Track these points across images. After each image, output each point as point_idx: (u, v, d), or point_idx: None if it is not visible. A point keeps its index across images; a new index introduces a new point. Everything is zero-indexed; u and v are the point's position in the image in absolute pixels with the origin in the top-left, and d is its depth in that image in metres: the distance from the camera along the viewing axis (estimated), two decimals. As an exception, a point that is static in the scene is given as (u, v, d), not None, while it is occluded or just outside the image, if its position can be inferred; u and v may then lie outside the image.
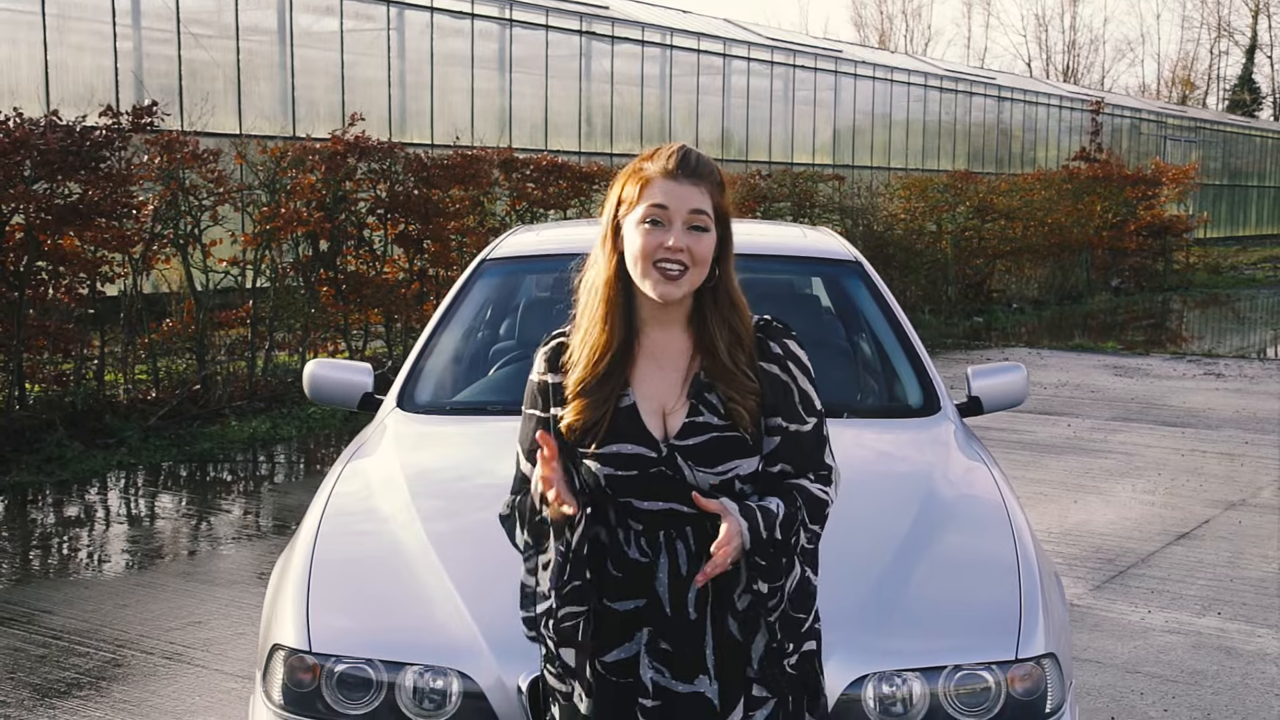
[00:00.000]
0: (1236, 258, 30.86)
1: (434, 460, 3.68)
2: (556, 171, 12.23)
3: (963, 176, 18.27)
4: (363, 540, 3.21)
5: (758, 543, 2.13)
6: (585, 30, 19.60)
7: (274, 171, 9.81)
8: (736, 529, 2.11)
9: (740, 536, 2.12)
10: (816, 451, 2.28)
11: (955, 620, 2.89)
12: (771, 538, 2.15)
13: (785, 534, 2.17)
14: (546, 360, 2.32)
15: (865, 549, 3.01)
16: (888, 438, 3.75)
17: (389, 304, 10.53)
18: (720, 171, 2.24)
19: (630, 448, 2.20)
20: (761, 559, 2.15)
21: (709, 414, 2.21)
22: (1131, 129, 34.69)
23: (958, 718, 2.73)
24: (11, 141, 7.71)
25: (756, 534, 2.14)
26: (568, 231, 4.77)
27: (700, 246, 2.18)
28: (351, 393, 4.09)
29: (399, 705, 2.74)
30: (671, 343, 2.27)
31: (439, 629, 2.80)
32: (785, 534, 2.17)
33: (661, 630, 2.20)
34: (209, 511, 6.96)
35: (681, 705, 2.19)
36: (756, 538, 2.14)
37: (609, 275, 2.24)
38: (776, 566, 2.17)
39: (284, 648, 2.84)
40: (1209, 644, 4.99)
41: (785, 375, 2.27)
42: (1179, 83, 60.91)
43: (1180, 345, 14.93)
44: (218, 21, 15.14)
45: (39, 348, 8.36)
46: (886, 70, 26.33)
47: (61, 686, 4.47)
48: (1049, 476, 7.75)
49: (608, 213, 2.26)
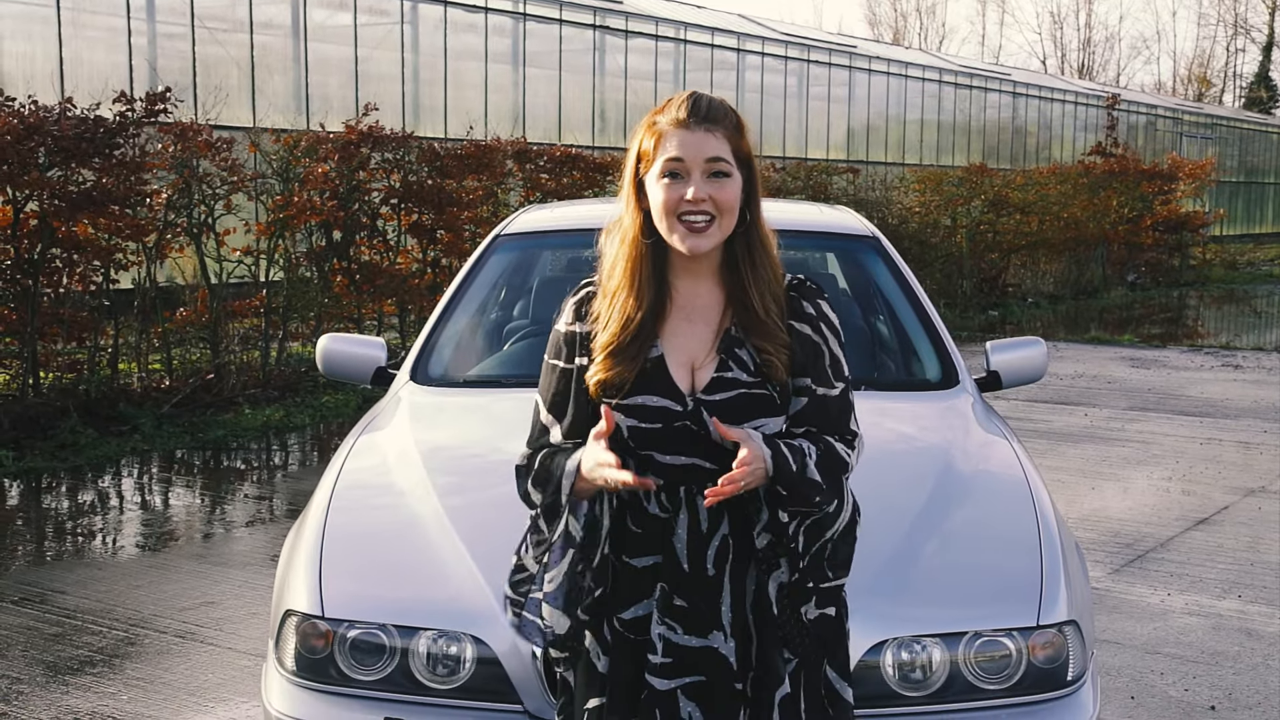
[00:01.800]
0: (1253, 254, 30.70)
1: (448, 434, 3.65)
2: (570, 162, 12.20)
3: (978, 170, 18.19)
4: (376, 509, 3.19)
5: (783, 472, 2.09)
6: (599, 25, 19.57)
7: (287, 160, 9.80)
8: (758, 454, 2.07)
9: (762, 463, 2.07)
10: (843, 417, 2.25)
11: (975, 587, 2.85)
12: (800, 474, 2.10)
13: (821, 473, 2.13)
14: (575, 309, 2.28)
15: (883, 518, 2.96)
16: (906, 410, 3.71)
17: (402, 294, 10.51)
18: (736, 113, 2.20)
19: (656, 400, 2.16)
20: (784, 489, 2.10)
21: (738, 370, 2.17)
22: (1147, 125, 34.54)
23: (978, 685, 2.69)
24: (26, 127, 7.71)
25: (783, 465, 2.09)
26: (582, 209, 4.74)
27: (724, 194, 2.15)
28: (364, 367, 4.07)
29: (413, 671, 2.72)
30: (702, 295, 2.23)
31: (453, 594, 2.77)
32: (821, 473, 2.13)
33: (678, 586, 2.17)
34: (222, 496, 6.95)
35: (692, 660, 2.15)
36: (782, 466, 2.09)
37: (635, 233, 2.20)
38: (799, 497, 2.12)
39: (296, 613, 2.81)
40: (1230, 626, 4.94)
41: (817, 336, 2.23)
42: (1195, 80, 60.63)
43: (1197, 339, 14.84)
44: (232, 16, 15.14)
45: (53, 335, 8.37)
46: (901, 66, 26.25)
47: (74, 664, 4.45)
48: (1066, 464, 7.69)
49: (628, 170, 2.22)
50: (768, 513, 2.13)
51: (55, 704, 4.12)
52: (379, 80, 16.65)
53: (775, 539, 2.15)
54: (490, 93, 18.11)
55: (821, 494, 2.13)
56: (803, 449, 2.13)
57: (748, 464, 2.05)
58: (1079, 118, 31.66)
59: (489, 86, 18.10)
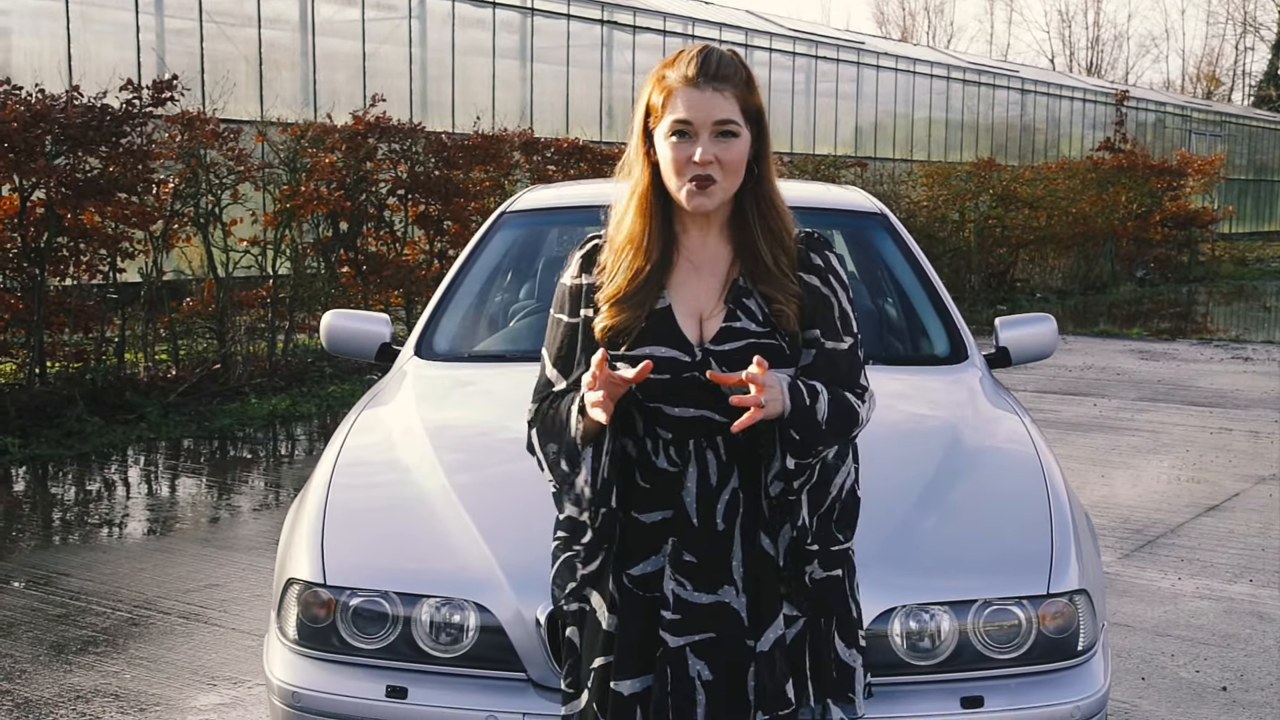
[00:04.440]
0: (1263, 251, 30.58)
1: (454, 409, 3.62)
2: (577, 153, 12.17)
3: (986, 165, 18.13)
4: (379, 481, 3.16)
5: (798, 407, 2.07)
6: (607, 20, 19.54)
7: (294, 150, 9.79)
8: (774, 381, 2.05)
9: (779, 390, 2.05)
10: (853, 371, 2.23)
11: (985, 555, 2.82)
12: (812, 407, 2.08)
13: (830, 411, 2.11)
14: (581, 262, 2.26)
15: (892, 488, 2.93)
16: (915, 385, 3.68)
17: (409, 285, 10.49)
18: (746, 68, 2.17)
19: (664, 350, 2.14)
20: (796, 432, 2.08)
21: (746, 320, 2.15)
22: (1156, 123, 34.41)
23: (987, 655, 2.66)
24: (32, 115, 7.70)
25: (799, 398, 2.07)
26: (587, 187, 4.71)
27: (730, 154, 2.12)
28: (369, 343, 4.04)
29: (415, 639, 2.69)
30: (710, 247, 2.21)
31: (456, 561, 2.75)
32: (830, 411, 2.11)
33: (687, 541, 2.14)
34: (228, 483, 6.93)
35: (703, 616, 2.12)
36: (798, 400, 2.07)
37: (644, 186, 2.18)
38: (809, 441, 2.09)
39: (298, 582, 2.79)
40: (1241, 609, 4.90)
41: (826, 288, 2.21)
42: (1204, 78, 60.45)
43: (1207, 333, 14.76)
44: (240, 11, 15.13)
45: (59, 325, 8.35)
46: (909, 62, 26.18)
47: (78, 644, 4.43)
48: (1075, 453, 7.64)
49: (637, 120, 2.20)
50: (779, 458, 2.11)
51: (58, 682, 4.10)
52: (386, 76, 16.63)
53: (786, 487, 2.12)
54: (498, 88, 18.09)
55: (831, 436, 2.11)
56: (815, 386, 2.11)
57: (763, 382, 2.01)
58: (1087, 115, 31.57)
59: (496, 82, 18.08)
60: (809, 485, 2.14)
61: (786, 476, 2.11)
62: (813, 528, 2.14)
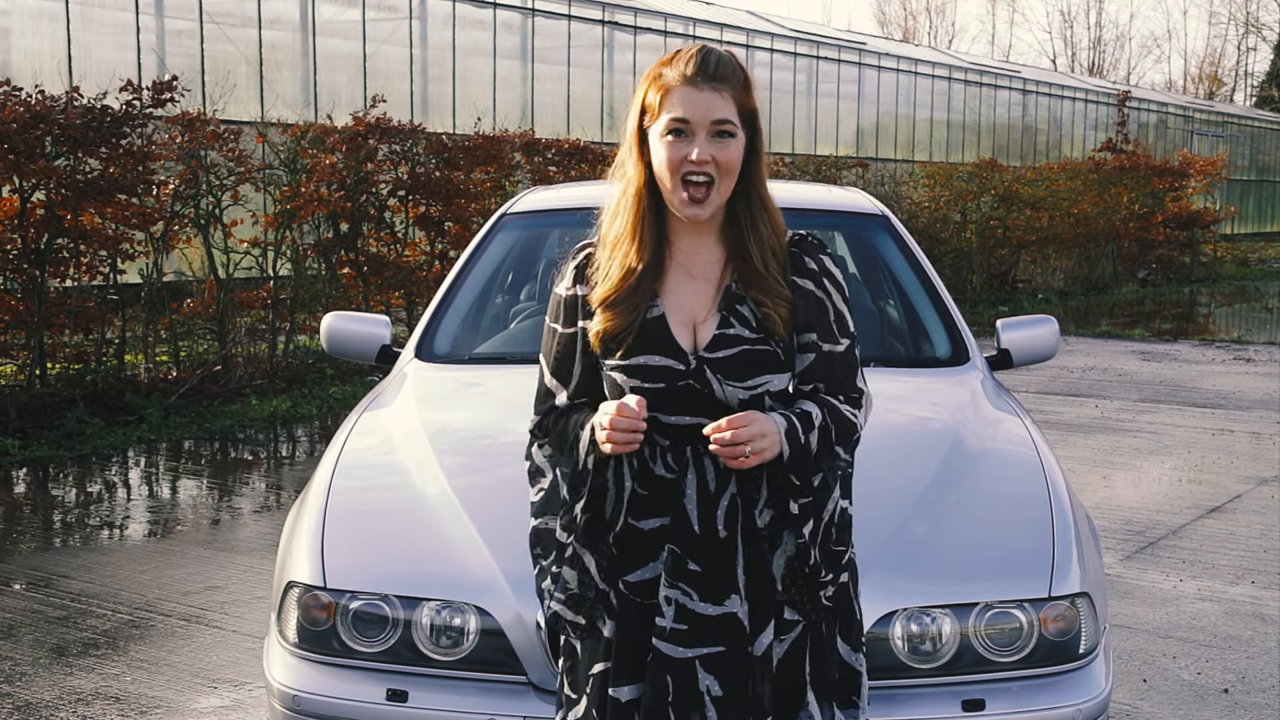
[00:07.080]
0: (1265, 252, 30.55)
1: (454, 411, 3.61)
2: (578, 154, 12.16)
3: (987, 166, 18.12)
4: (379, 484, 3.15)
5: (795, 449, 2.08)
6: (608, 20, 19.54)
7: (295, 151, 9.78)
8: (771, 427, 2.06)
9: (777, 439, 2.07)
10: (849, 373, 2.22)
11: (986, 558, 2.81)
12: (809, 443, 2.09)
13: (823, 443, 2.11)
14: (575, 273, 2.25)
15: (893, 490, 2.93)
16: (917, 387, 3.67)
17: (410, 286, 10.48)
18: (744, 69, 2.16)
19: (658, 359, 2.13)
20: (796, 477, 2.09)
21: (740, 326, 2.14)
22: (1158, 123, 34.39)
23: (988, 658, 2.65)
24: (32, 116, 7.70)
25: (794, 439, 2.08)
26: (586, 189, 4.70)
27: (726, 154, 2.11)
28: (369, 345, 4.04)
29: (416, 643, 2.69)
30: (703, 252, 2.20)
31: (457, 565, 2.74)
32: (823, 443, 2.11)
33: (689, 550, 2.12)
34: (229, 484, 6.93)
35: (711, 629, 2.10)
36: (794, 443, 2.08)
37: (638, 186, 2.17)
38: (807, 477, 2.10)
39: (298, 585, 2.78)
40: (1243, 611, 4.89)
41: (820, 292, 2.20)
42: (1206, 79, 60.41)
43: (1209, 333, 14.75)
44: (240, 12, 15.13)
45: (60, 326, 8.35)
46: (910, 63, 26.17)
47: (79, 647, 4.43)
48: (1076, 454, 7.64)
49: (631, 118, 2.18)
50: (767, 490, 2.12)
51: (59, 685, 4.10)
52: (387, 76, 16.62)
53: (777, 516, 2.13)
54: (499, 88, 18.08)
55: (831, 458, 2.14)
56: (810, 415, 2.12)
57: (749, 426, 2.04)
58: (1089, 115, 31.55)
59: (497, 82, 18.07)
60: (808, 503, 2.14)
61: (783, 510, 2.13)
62: (819, 558, 2.14)
